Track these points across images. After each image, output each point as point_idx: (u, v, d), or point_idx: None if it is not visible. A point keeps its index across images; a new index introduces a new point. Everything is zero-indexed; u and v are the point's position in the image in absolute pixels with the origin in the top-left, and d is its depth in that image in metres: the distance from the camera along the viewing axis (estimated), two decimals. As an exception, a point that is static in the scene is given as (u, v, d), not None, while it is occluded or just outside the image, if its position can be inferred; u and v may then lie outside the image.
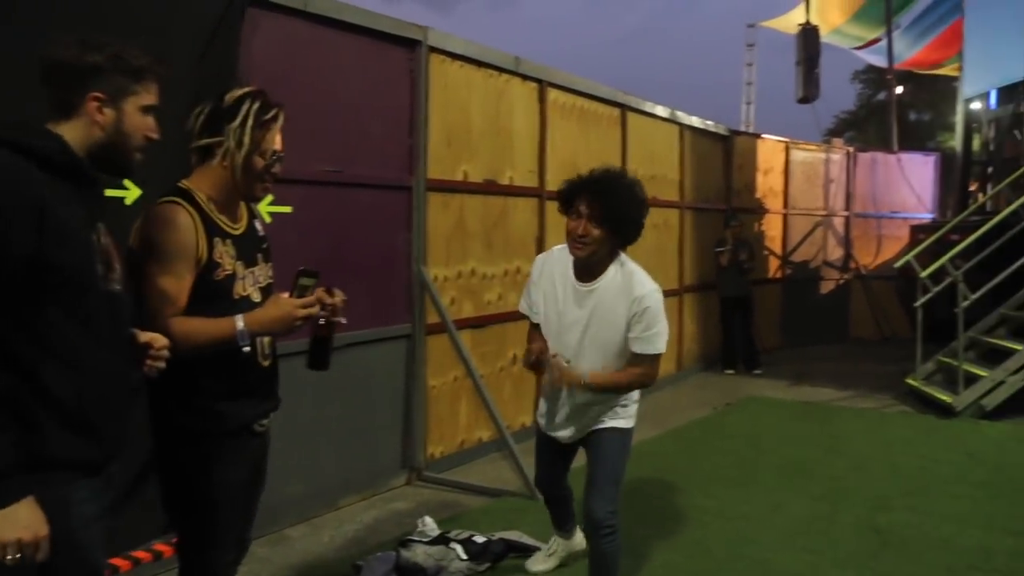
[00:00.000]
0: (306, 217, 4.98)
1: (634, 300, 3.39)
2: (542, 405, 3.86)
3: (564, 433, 3.75)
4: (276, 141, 2.61)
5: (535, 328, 3.71)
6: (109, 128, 2.11)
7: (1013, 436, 7.21)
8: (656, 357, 3.47)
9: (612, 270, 3.46)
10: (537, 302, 3.66)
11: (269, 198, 4.72)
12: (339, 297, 2.64)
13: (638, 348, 3.43)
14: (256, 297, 2.62)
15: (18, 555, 1.87)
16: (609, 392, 3.55)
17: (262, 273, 2.69)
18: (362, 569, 4.15)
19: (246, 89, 2.60)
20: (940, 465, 6.34)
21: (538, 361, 3.47)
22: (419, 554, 4.27)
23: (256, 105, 2.54)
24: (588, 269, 3.47)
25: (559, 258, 3.60)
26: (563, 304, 3.53)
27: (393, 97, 5.68)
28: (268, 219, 4.74)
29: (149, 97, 2.18)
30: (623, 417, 3.66)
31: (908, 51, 17.76)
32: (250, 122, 2.52)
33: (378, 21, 5.45)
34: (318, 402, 5.07)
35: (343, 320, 2.65)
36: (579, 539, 4.36)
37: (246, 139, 2.52)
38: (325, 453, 5.19)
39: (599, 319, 3.46)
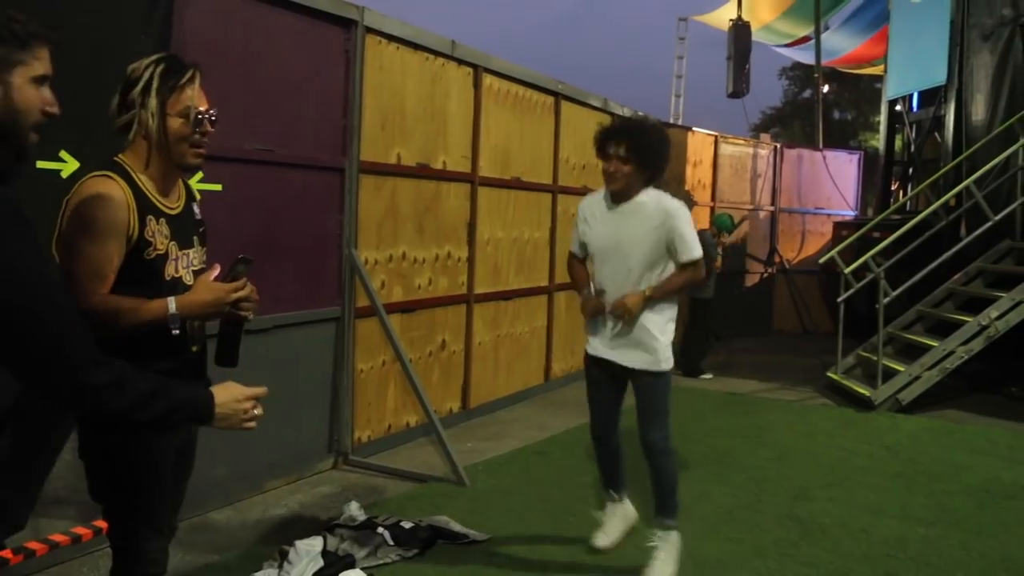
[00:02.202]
0: (236, 196, 4.87)
1: (667, 214, 3.97)
2: (588, 332, 4.28)
3: (611, 352, 4.15)
4: (196, 100, 2.50)
5: (578, 263, 4.32)
6: None
7: (927, 429, 7.44)
8: (697, 261, 4.03)
9: (644, 195, 4.04)
10: (583, 233, 4.23)
11: (198, 175, 4.61)
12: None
13: (683, 257, 4.00)
14: (189, 279, 2.55)
15: None
16: (661, 300, 4.05)
17: (196, 256, 2.61)
18: (288, 554, 4.09)
19: (152, 56, 2.50)
20: (858, 457, 6.50)
21: (595, 310, 4.11)
22: (346, 539, 4.23)
23: (160, 67, 2.42)
24: (622, 196, 4.05)
25: (594, 198, 4.24)
26: (603, 223, 4.12)
27: (327, 77, 5.59)
28: (197, 196, 4.62)
29: (40, 66, 1.90)
30: (661, 360, 4.08)
31: (845, 46, 18.13)
32: (155, 83, 2.40)
33: (314, -1, 5.35)
34: (244, 384, 4.97)
35: (251, 315, 2.63)
36: (630, 507, 4.61)
37: (151, 101, 2.40)
38: (251, 436, 5.07)
39: (633, 231, 4.02)
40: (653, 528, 4.21)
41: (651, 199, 4.03)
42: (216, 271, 2.53)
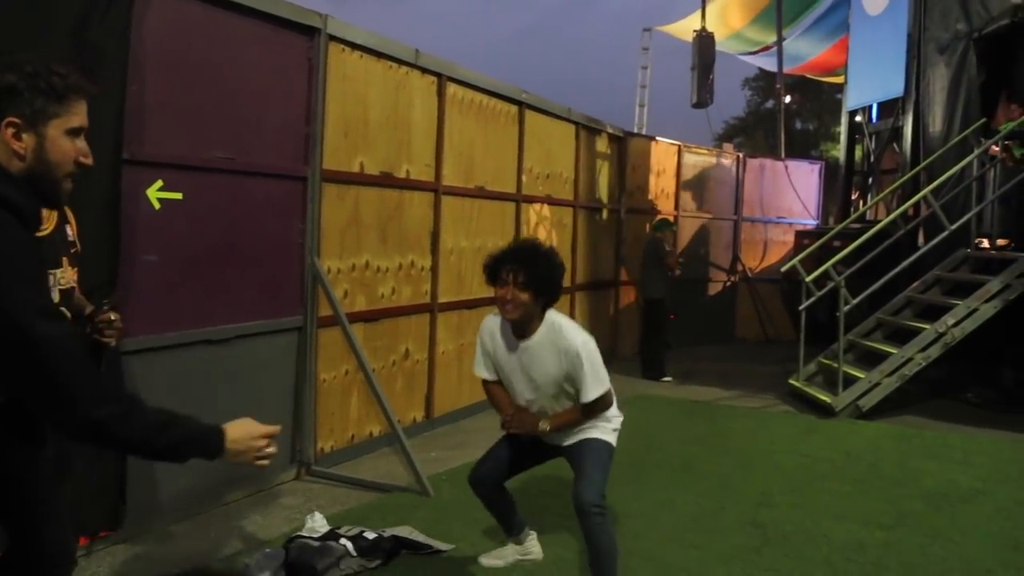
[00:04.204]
0: (197, 204, 4.84)
1: (564, 353, 3.75)
2: None
3: (545, 437, 4.00)
4: None
5: (494, 386, 4.11)
6: (30, 157, 1.91)
7: (886, 435, 7.52)
8: (602, 396, 3.81)
9: (542, 329, 3.80)
10: (490, 364, 4.05)
11: (159, 183, 4.58)
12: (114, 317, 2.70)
13: (585, 396, 3.77)
14: (54, 298, 2.52)
15: None
16: (571, 427, 3.91)
17: (64, 276, 2.60)
18: (250, 567, 4.05)
19: None
20: (819, 463, 6.56)
21: (513, 423, 3.95)
22: (308, 551, 4.20)
23: None
24: (521, 328, 3.82)
25: (495, 323, 3.99)
26: (506, 360, 3.93)
27: (290, 85, 5.57)
28: (157, 205, 4.59)
29: (76, 119, 1.98)
30: (607, 432, 3.96)
31: (808, 52, 18.33)
32: None
33: (276, 6, 5.32)
34: (205, 395, 4.93)
35: (111, 342, 2.73)
36: (533, 545, 4.44)
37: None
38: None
39: (537, 369, 3.83)
40: None
41: (550, 335, 3.78)
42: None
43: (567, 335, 3.77)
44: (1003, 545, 4.90)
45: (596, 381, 3.77)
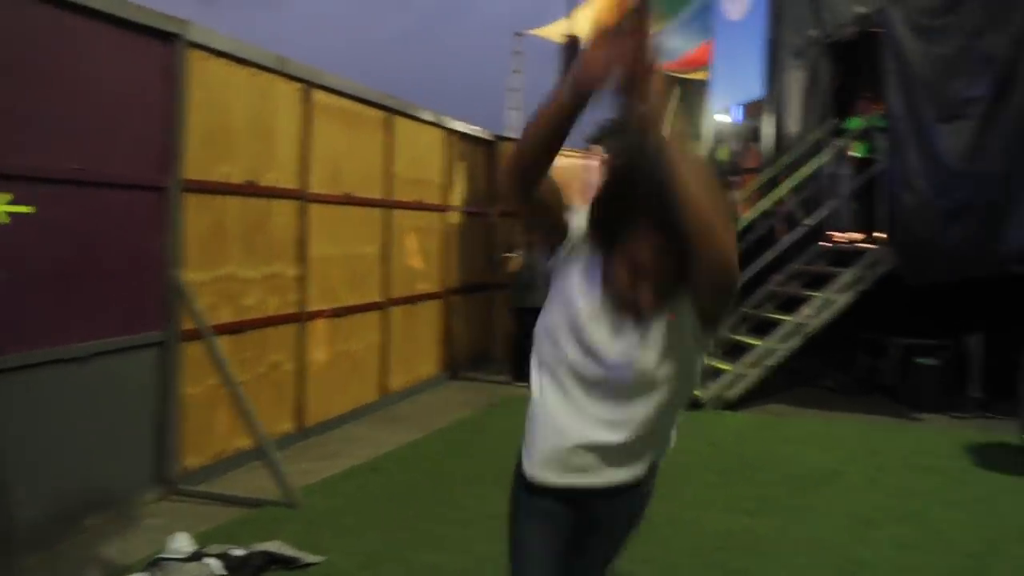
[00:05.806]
0: (50, 218, 4.64)
1: None
2: (542, 425, 2.31)
3: (579, 464, 2.27)
4: None
5: None
6: None
7: (751, 425, 7.82)
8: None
9: None
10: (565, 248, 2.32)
11: (7, 197, 4.39)
12: None
13: None
14: None
15: None
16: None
17: None
18: (109, 591, 3.94)
19: None
20: (687, 455, 6.74)
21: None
22: (172, 573, 4.10)
23: None
24: None
25: None
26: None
27: (148, 93, 5.40)
28: (6, 220, 4.40)
29: None
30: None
31: (683, 46, 18.76)
32: None
33: (130, 11, 5.14)
34: (59, 417, 4.74)
35: None
36: None
37: None
38: (68, 471, 4.84)
39: None
40: None
41: None
42: None
43: None
44: (856, 521, 5.19)
45: None
